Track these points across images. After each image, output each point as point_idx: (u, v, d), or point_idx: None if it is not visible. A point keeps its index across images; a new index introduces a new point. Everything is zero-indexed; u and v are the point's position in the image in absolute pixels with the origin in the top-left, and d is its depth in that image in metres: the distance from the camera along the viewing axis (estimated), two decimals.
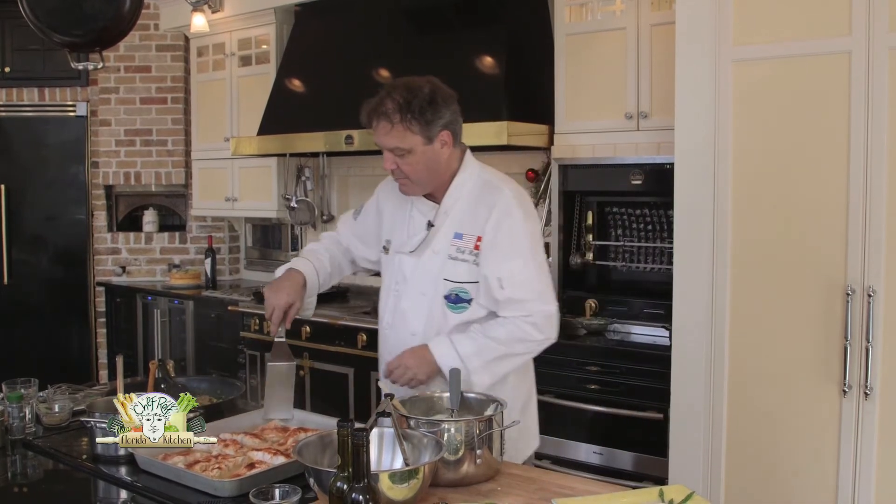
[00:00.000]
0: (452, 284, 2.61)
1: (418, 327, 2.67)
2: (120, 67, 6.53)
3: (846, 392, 3.06)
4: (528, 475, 2.24)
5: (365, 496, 1.61)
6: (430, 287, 2.64)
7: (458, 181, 2.64)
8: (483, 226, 2.57)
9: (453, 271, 2.60)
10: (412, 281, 2.68)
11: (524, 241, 2.58)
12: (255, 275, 6.73)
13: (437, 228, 2.63)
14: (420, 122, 2.49)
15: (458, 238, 2.61)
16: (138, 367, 6.18)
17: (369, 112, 2.55)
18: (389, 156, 2.55)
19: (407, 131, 2.49)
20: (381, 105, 2.51)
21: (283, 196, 5.87)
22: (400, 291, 2.72)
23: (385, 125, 2.50)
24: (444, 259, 2.62)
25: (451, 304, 2.62)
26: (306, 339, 5.02)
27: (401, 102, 2.48)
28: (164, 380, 2.85)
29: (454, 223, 2.63)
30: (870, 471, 3.04)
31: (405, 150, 2.51)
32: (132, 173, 6.63)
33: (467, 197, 2.63)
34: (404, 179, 2.59)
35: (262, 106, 5.52)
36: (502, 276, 2.53)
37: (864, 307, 3.01)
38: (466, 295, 2.60)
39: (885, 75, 2.94)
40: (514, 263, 2.54)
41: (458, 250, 2.60)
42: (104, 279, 6.69)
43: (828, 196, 3.08)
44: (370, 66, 5.05)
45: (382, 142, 2.54)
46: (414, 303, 2.68)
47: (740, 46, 3.24)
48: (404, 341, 2.67)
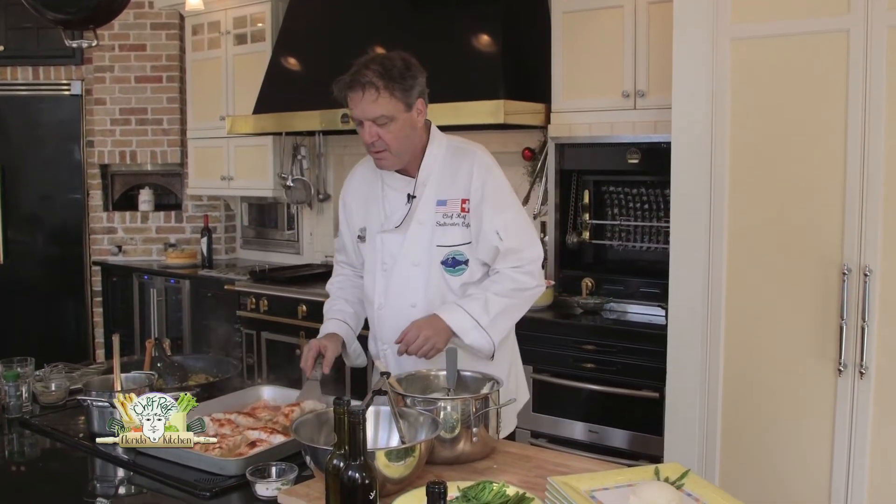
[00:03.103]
0: (447, 249, 2.67)
1: (418, 298, 2.70)
2: (115, 46, 6.50)
3: (842, 371, 3.07)
4: (525, 453, 2.24)
5: (361, 474, 1.62)
6: (424, 256, 2.68)
7: (431, 151, 2.69)
8: (467, 187, 2.64)
9: (444, 236, 2.66)
10: (402, 255, 2.70)
11: (510, 194, 2.72)
12: (251, 254, 6.72)
13: (418, 199, 2.67)
14: (401, 87, 2.53)
15: (441, 205, 2.67)
16: (135, 346, 6.17)
17: (348, 84, 2.55)
18: (370, 127, 2.55)
19: (391, 98, 2.52)
20: (361, 75, 2.53)
21: (279, 175, 5.86)
22: (389, 269, 2.73)
23: (371, 93, 2.51)
24: (431, 227, 2.67)
25: (450, 269, 2.68)
26: (302, 318, 5.03)
27: (380, 70, 2.51)
28: (160, 358, 2.86)
29: (434, 191, 2.68)
30: (864, 449, 3.05)
31: (389, 118, 2.53)
32: (128, 152, 6.61)
33: (441, 165, 2.69)
34: (384, 152, 2.60)
35: (257, 84, 5.49)
36: (498, 227, 2.61)
37: (861, 286, 3.01)
38: (462, 256, 2.67)
39: (884, 54, 2.93)
40: (507, 214, 2.65)
41: (445, 216, 2.66)
42: (100, 258, 6.68)
43: (825, 175, 3.07)
44: (366, 44, 5.01)
45: (367, 111, 2.53)
46: (408, 276, 2.70)
47: (738, 24, 3.22)
48: (405, 316, 2.67)
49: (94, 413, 2.41)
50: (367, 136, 2.57)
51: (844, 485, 3.09)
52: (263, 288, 5.32)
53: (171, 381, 2.80)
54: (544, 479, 1.85)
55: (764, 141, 3.20)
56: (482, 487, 1.80)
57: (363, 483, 1.62)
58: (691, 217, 3.36)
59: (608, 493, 1.81)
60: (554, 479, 1.80)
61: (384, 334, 2.75)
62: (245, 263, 6.42)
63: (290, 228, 6.38)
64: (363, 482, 1.62)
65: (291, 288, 5.20)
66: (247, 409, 2.48)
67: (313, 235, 6.18)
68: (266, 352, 5.29)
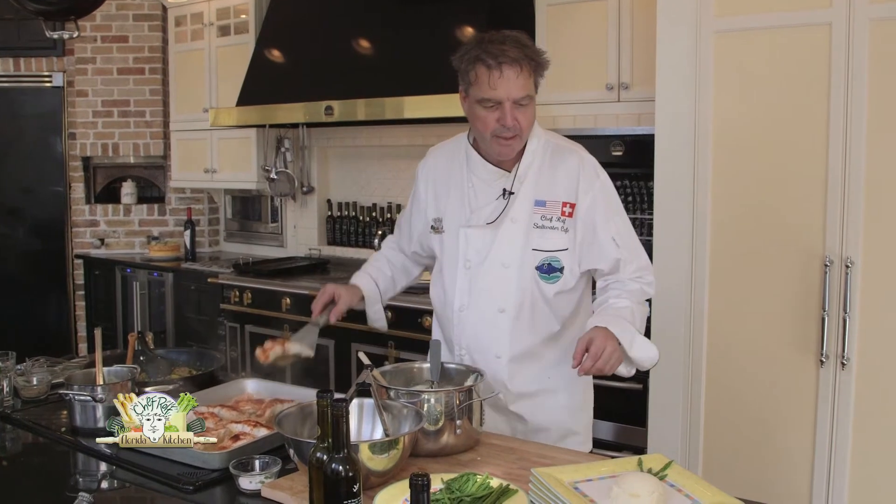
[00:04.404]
0: (544, 254, 2.45)
1: (507, 303, 2.46)
2: (97, 37, 6.46)
3: (823, 362, 3.09)
4: (508, 445, 2.24)
5: (345, 466, 1.61)
6: (515, 258, 2.46)
7: (532, 145, 2.49)
8: (570, 190, 2.43)
9: (541, 240, 2.44)
10: (490, 254, 2.47)
11: (617, 199, 2.52)
12: (234, 247, 6.71)
13: (515, 196, 2.46)
14: (540, 66, 2.37)
15: (540, 205, 2.45)
16: (118, 340, 6.16)
17: (498, 60, 2.31)
18: (512, 109, 2.33)
19: (533, 77, 2.36)
20: (509, 51, 2.31)
21: (262, 167, 5.84)
22: (473, 268, 2.50)
23: (526, 71, 2.32)
24: (527, 228, 2.45)
25: (544, 275, 2.46)
26: (286, 311, 5.02)
27: (521, 47, 2.33)
28: (143, 352, 2.84)
29: (532, 189, 2.46)
30: (846, 439, 3.07)
31: (530, 98, 2.35)
32: (110, 144, 6.57)
33: (540, 162, 2.48)
34: (515, 138, 2.39)
35: (241, 76, 5.47)
36: (614, 234, 2.44)
37: (842, 278, 3.03)
38: (559, 263, 2.45)
39: (865, 47, 2.94)
40: (618, 220, 2.47)
41: (544, 218, 2.44)
42: (82, 251, 6.64)
43: (807, 167, 3.09)
44: (350, 36, 5.01)
45: (513, 91, 2.31)
46: (497, 277, 2.47)
47: (722, 17, 3.23)
48: (491, 321, 2.49)
49: (76, 407, 2.39)
50: (508, 119, 2.33)
51: (826, 474, 3.11)
52: (247, 281, 5.30)
53: (153, 375, 2.79)
54: (528, 470, 1.85)
55: (747, 133, 3.21)
56: (466, 479, 1.81)
57: (346, 476, 1.61)
58: (675, 209, 3.37)
59: (591, 484, 1.82)
60: (537, 471, 1.80)
61: (464, 339, 2.54)
62: (229, 256, 6.40)
63: (273, 221, 6.36)
64: (346, 475, 1.61)
65: (275, 281, 5.18)
66: (230, 403, 2.47)
67: (297, 228, 6.16)
68: (250, 345, 5.27)
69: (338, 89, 4.85)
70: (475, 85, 2.36)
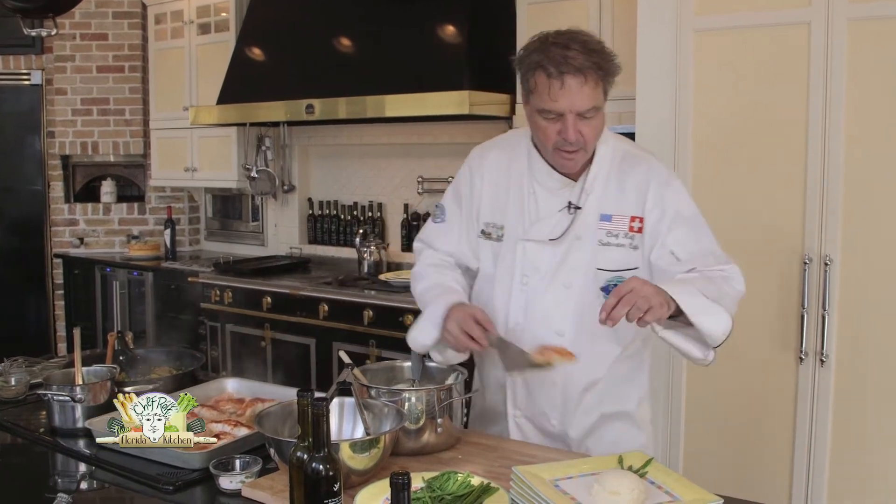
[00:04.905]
0: (609, 274, 2.22)
1: (565, 326, 2.25)
2: (76, 35, 6.41)
3: (803, 359, 3.11)
4: (489, 443, 2.24)
5: (325, 466, 1.61)
6: (578, 278, 2.24)
7: (601, 153, 2.25)
8: (639, 204, 2.21)
9: (607, 259, 2.22)
10: (552, 274, 2.26)
11: (686, 207, 2.23)
12: (215, 245, 6.67)
13: (581, 210, 2.24)
14: (610, 72, 2.12)
15: (606, 220, 2.23)
16: (97, 340, 6.12)
17: (560, 69, 2.06)
18: (575, 122, 2.10)
19: (601, 83, 2.10)
20: (573, 59, 2.06)
21: (243, 166, 5.82)
22: (532, 286, 2.28)
23: (592, 81, 2.07)
24: (592, 245, 2.23)
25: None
26: (267, 310, 5.00)
27: (587, 52, 2.07)
28: (122, 352, 2.83)
29: (598, 202, 2.24)
30: (825, 436, 3.09)
31: (596, 109, 2.11)
32: (89, 143, 6.53)
33: (608, 172, 2.25)
34: (579, 151, 2.16)
35: (221, 75, 5.45)
36: (672, 247, 2.19)
37: (821, 276, 3.05)
38: None
39: (844, 46, 2.96)
40: (679, 231, 2.20)
41: (609, 234, 2.22)
42: (62, 251, 6.60)
43: (786, 165, 3.10)
44: (331, 34, 5.00)
45: (578, 103, 2.07)
46: (557, 298, 2.25)
47: (702, 16, 3.24)
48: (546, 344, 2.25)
49: (54, 407, 2.37)
50: (570, 133, 2.10)
51: (806, 470, 3.13)
52: (228, 280, 5.28)
53: (133, 375, 2.77)
54: (509, 468, 1.85)
55: (726, 132, 3.22)
56: (447, 478, 1.81)
57: (327, 475, 1.61)
58: None
59: (572, 482, 1.82)
60: (518, 469, 1.80)
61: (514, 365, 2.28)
62: (209, 255, 6.37)
63: (254, 220, 6.34)
64: (327, 474, 1.61)
65: (256, 280, 5.17)
66: (210, 402, 2.46)
67: (278, 227, 6.14)
68: (230, 344, 5.26)
69: (319, 88, 4.84)
70: (535, 93, 2.13)
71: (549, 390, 2.29)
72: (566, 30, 2.14)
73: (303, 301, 4.84)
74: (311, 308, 4.79)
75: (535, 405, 2.33)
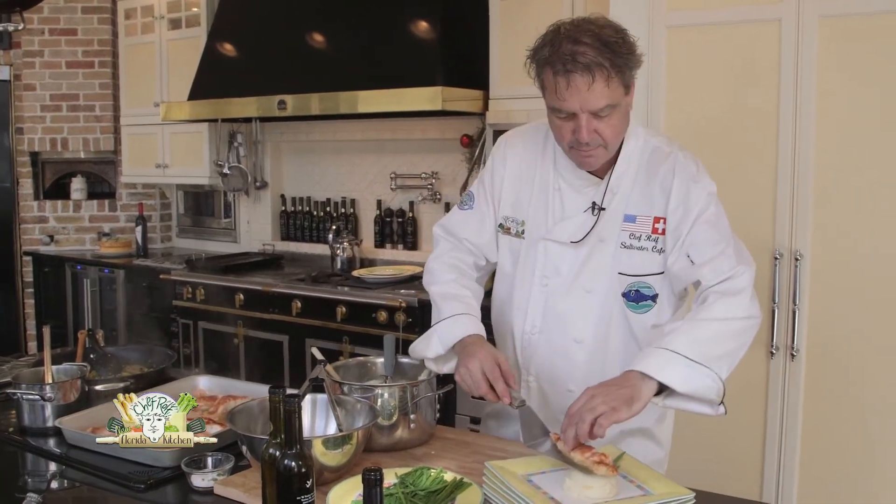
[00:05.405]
0: (631, 279, 2.10)
1: (585, 333, 2.16)
2: (44, 30, 6.34)
3: (773, 354, 3.13)
4: (463, 439, 2.25)
5: (297, 462, 1.60)
6: (601, 283, 2.13)
7: (627, 150, 2.11)
8: (662, 203, 2.08)
9: (629, 263, 2.10)
10: (575, 276, 2.15)
11: (708, 204, 2.09)
12: (187, 242, 6.64)
13: (605, 212, 2.12)
14: (627, 65, 1.95)
15: (629, 221, 2.10)
16: (68, 338, 6.05)
17: (566, 67, 1.91)
18: (589, 121, 1.96)
19: (618, 80, 1.94)
20: (582, 55, 1.90)
21: (215, 162, 5.79)
22: (552, 288, 2.18)
23: (601, 79, 1.91)
24: (614, 248, 2.11)
25: (632, 303, 2.11)
26: (240, 307, 4.98)
27: (600, 45, 1.91)
28: (93, 350, 2.80)
29: (623, 203, 2.12)
30: (795, 430, 3.12)
31: (612, 106, 1.96)
32: (59, 139, 6.47)
33: (636, 169, 2.12)
34: (597, 148, 2.02)
35: (192, 70, 5.41)
36: (689, 248, 2.05)
37: (792, 271, 3.07)
38: (650, 290, 2.10)
39: (815, 44, 2.98)
40: (699, 229, 2.06)
41: (632, 236, 2.10)
42: (31, 248, 6.53)
43: (757, 161, 3.12)
44: (303, 29, 4.98)
45: (591, 102, 1.93)
46: (578, 303, 2.15)
47: (673, 12, 3.25)
48: (564, 351, 2.19)
49: (24, 407, 2.35)
50: (583, 133, 1.97)
51: (777, 463, 3.16)
52: (200, 277, 5.25)
53: (104, 373, 2.75)
54: (482, 464, 1.85)
55: (698, 128, 3.24)
56: (420, 474, 1.81)
57: (299, 471, 1.61)
58: None
59: (545, 476, 1.82)
60: (491, 464, 1.81)
61: (533, 366, 2.24)
62: (181, 252, 6.34)
63: (226, 217, 6.31)
64: (299, 471, 1.61)
65: (228, 277, 5.14)
66: None
67: (250, 223, 6.12)
68: (203, 341, 5.23)
69: (291, 83, 4.82)
70: (546, 91, 2.02)
71: (564, 397, 2.16)
72: (584, 18, 1.99)
73: (275, 298, 4.82)
74: (283, 305, 4.77)
75: (550, 412, 2.21)
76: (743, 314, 2.00)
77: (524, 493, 1.68)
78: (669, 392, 1.90)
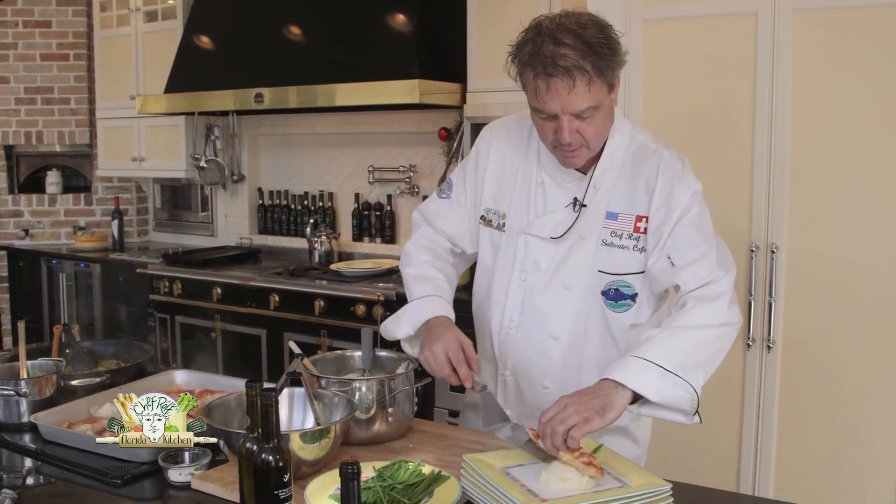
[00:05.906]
0: (610, 277, 2.08)
1: (561, 330, 2.15)
2: (18, 22, 6.28)
3: (750, 346, 3.15)
4: (441, 432, 2.25)
5: (275, 456, 1.60)
6: (579, 280, 2.11)
7: (612, 146, 2.09)
8: (645, 201, 2.05)
9: (609, 261, 2.08)
10: (552, 274, 2.14)
11: (692, 205, 2.04)
12: (164, 236, 6.60)
13: (586, 209, 2.10)
14: (609, 65, 1.90)
15: (611, 218, 2.08)
16: (44, 333, 6.01)
17: (546, 70, 1.88)
18: (570, 122, 1.93)
19: (600, 81, 1.90)
20: (562, 58, 1.86)
21: (191, 156, 5.76)
22: (531, 283, 2.16)
23: (582, 82, 1.87)
24: (594, 245, 2.09)
25: (611, 302, 2.10)
26: (217, 301, 4.95)
27: (583, 46, 1.86)
28: (69, 344, 2.78)
29: (605, 200, 2.09)
30: (772, 421, 3.14)
31: (594, 108, 1.93)
32: (33, 133, 6.41)
33: (620, 165, 2.10)
34: (580, 149, 2.00)
35: (168, 63, 5.37)
36: (669, 250, 2.02)
37: (768, 263, 3.10)
38: (629, 290, 2.08)
39: (790, 38, 3.00)
40: (680, 230, 2.02)
41: (613, 234, 2.08)
42: (6, 243, 6.47)
43: (734, 155, 3.14)
44: (280, 22, 4.96)
45: (571, 104, 1.90)
46: (555, 300, 2.14)
47: (650, 6, 3.26)
48: (540, 347, 2.18)
49: None
50: (565, 135, 1.94)
51: (753, 455, 3.18)
52: (177, 271, 5.22)
53: (80, 368, 2.73)
54: (460, 457, 1.86)
55: (674, 122, 3.25)
56: (398, 467, 1.81)
57: (277, 465, 1.60)
58: None
59: (523, 469, 1.83)
60: (469, 457, 1.81)
61: (510, 360, 2.23)
62: (158, 246, 6.30)
63: (203, 210, 6.28)
64: (277, 465, 1.60)
65: (206, 270, 5.12)
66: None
67: (227, 217, 6.09)
68: (180, 336, 5.20)
69: (268, 76, 4.80)
70: (527, 91, 2.00)
71: (539, 393, 2.19)
72: (567, 13, 1.94)
73: (253, 291, 4.80)
74: (261, 298, 4.76)
75: (526, 408, 2.22)
76: (720, 321, 1.97)
77: (502, 485, 1.69)
78: (644, 400, 1.88)
